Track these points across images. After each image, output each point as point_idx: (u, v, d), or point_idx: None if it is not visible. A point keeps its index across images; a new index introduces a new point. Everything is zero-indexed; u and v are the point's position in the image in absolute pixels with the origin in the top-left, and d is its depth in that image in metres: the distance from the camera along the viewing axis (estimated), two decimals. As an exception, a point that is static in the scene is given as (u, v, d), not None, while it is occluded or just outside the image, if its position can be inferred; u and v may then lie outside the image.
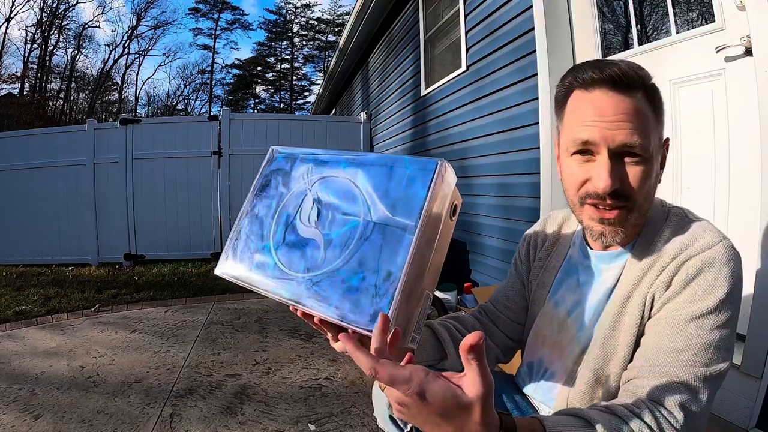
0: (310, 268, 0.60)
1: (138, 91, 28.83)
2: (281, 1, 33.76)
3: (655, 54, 1.60)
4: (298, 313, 0.61)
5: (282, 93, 31.71)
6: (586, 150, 0.64)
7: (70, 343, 2.57)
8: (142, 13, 27.06)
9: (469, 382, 0.43)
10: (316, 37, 30.47)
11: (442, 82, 3.42)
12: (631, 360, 0.64)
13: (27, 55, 22.41)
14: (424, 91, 3.83)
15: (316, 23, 30.38)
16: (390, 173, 0.59)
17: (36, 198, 4.95)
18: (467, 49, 2.98)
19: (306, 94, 31.33)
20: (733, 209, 1.35)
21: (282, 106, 31.40)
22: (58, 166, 4.95)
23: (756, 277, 1.15)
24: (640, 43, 1.73)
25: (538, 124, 2.14)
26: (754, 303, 1.15)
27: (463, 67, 3.02)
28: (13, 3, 21.13)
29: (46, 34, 23.01)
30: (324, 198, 0.63)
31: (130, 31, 26.96)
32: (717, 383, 0.58)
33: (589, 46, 1.97)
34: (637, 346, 0.64)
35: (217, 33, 29.89)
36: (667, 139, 0.69)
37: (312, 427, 1.64)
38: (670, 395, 0.55)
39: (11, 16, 21.21)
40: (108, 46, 27.22)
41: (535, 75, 2.13)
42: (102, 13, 25.91)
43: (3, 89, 21.22)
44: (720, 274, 0.59)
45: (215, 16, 29.52)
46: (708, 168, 1.43)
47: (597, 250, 0.74)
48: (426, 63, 3.87)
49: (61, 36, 24.18)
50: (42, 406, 1.82)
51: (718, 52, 1.35)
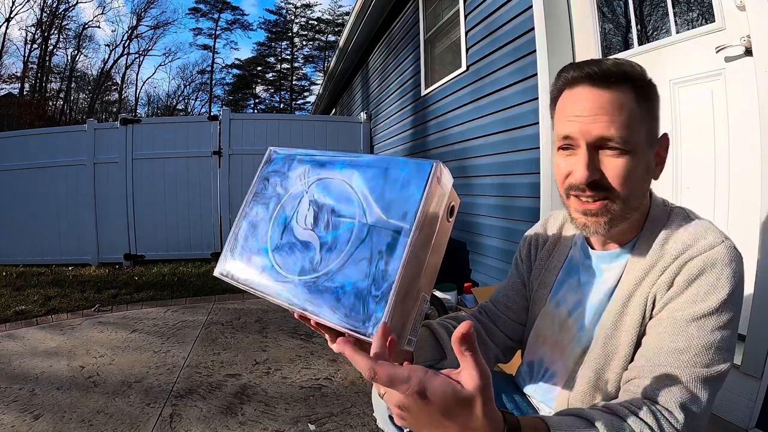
0: (307, 271, 0.60)
1: (138, 91, 28.89)
2: (281, 1, 33.79)
3: (655, 54, 1.60)
4: (296, 315, 0.61)
5: (282, 93, 31.73)
6: (568, 145, 0.66)
7: (70, 343, 2.57)
8: (142, 13, 27.10)
9: (467, 375, 0.42)
10: (316, 37, 30.49)
11: (442, 82, 3.42)
12: (632, 360, 0.64)
13: (27, 55, 22.45)
14: (424, 91, 3.83)
15: (316, 23, 30.41)
16: (385, 175, 0.59)
17: (36, 198, 4.95)
18: (467, 49, 2.98)
19: (306, 94, 31.37)
20: (733, 209, 1.35)
21: (282, 106, 31.41)
22: (58, 166, 4.95)
23: (756, 277, 1.15)
24: (640, 43, 1.73)
25: (538, 124, 2.14)
26: (754, 303, 1.15)
27: (463, 67, 3.02)
28: (13, 3, 21.16)
29: (46, 34, 23.02)
30: (320, 200, 0.63)
31: (130, 31, 27.01)
32: (718, 384, 0.58)
33: (589, 46, 1.97)
34: (638, 346, 0.64)
35: (217, 33, 29.95)
36: (665, 134, 0.69)
37: (312, 427, 1.64)
38: (671, 396, 0.55)
39: (11, 16, 21.24)
40: (108, 46, 27.28)
41: (535, 75, 2.13)
42: (102, 13, 25.97)
43: (3, 89, 21.26)
44: (722, 274, 0.59)
45: (215, 16, 29.56)
46: (708, 168, 1.43)
47: (598, 249, 0.74)
48: (426, 63, 3.86)
49: (61, 36, 24.22)
50: (42, 406, 1.82)
51: (718, 52, 1.35)
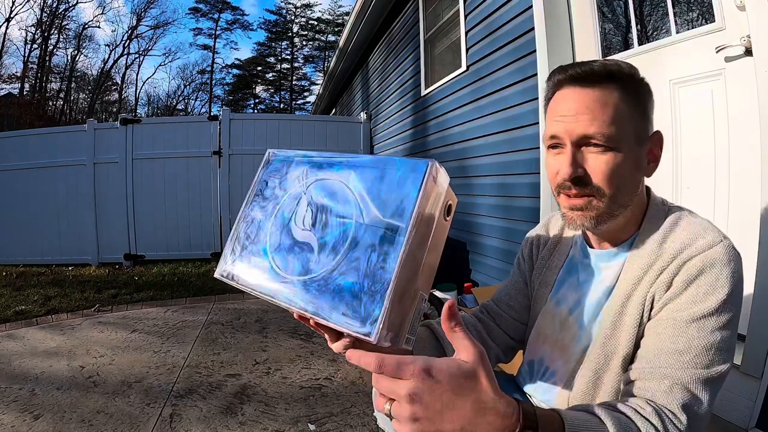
0: (305, 271, 0.60)
1: (138, 91, 28.89)
2: (281, 1, 33.84)
3: (655, 54, 1.60)
4: (295, 315, 0.62)
5: (282, 93, 31.72)
6: (555, 144, 0.68)
7: (70, 343, 2.57)
8: (142, 13, 27.10)
9: (462, 349, 0.46)
10: (316, 37, 30.49)
11: (442, 82, 3.41)
12: (632, 360, 0.64)
13: (27, 55, 22.45)
14: (424, 91, 3.83)
15: (316, 23, 30.41)
16: (382, 175, 0.59)
17: (36, 198, 4.95)
18: (467, 49, 2.98)
19: (306, 94, 31.37)
20: (733, 209, 1.35)
21: (282, 106, 31.40)
22: (58, 166, 4.95)
23: (756, 277, 1.15)
24: (640, 43, 1.73)
25: (538, 124, 2.14)
26: (754, 303, 1.15)
27: (463, 67, 3.02)
28: (13, 3, 21.16)
29: (46, 34, 23.02)
30: (318, 201, 0.64)
31: (130, 31, 27.01)
32: (718, 384, 0.58)
33: (589, 46, 1.97)
34: (637, 346, 0.64)
35: (217, 33, 29.95)
36: (657, 132, 0.69)
37: (312, 427, 1.64)
38: (672, 397, 0.55)
39: (11, 16, 21.25)
40: (108, 46, 27.30)
41: (535, 75, 2.13)
42: (102, 13, 25.97)
43: (3, 89, 21.26)
44: (721, 274, 0.59)
45: (215, 16, 29.57)
46: (708, 168, 1.43)
47: (596, 248, 0.75)
48: (426, 63, 3.86)
49: (61, 36, 24.22)
50: (42, 406, 1.82)
51: (718, 52, 1.35)
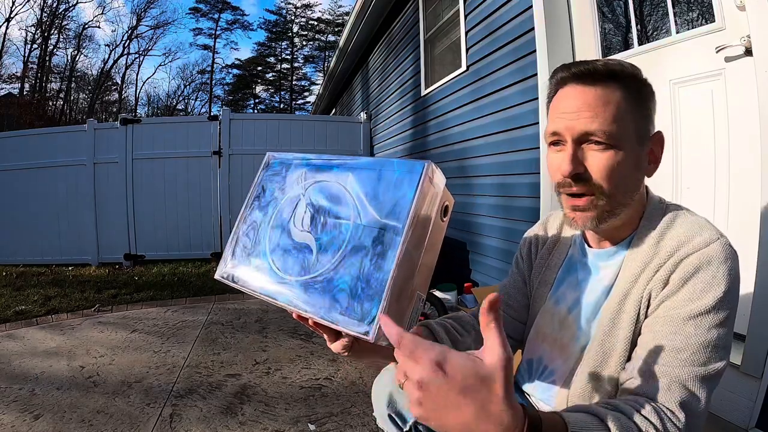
0: (304, 272, 0.61)
1: (138, 91, 28.87)
2: (281, 2, 33.85)
3: (655, 54, 1.60)
4: (294, 315, 0.62)
5: (282, 93, 31.71)
6: (556, 141, 0.68)
7: (70, 343, 2.57)
8: (142, 13, 27.09)
9: (489, 350, 0.42)
10: (316, 37, 30.48)
11: (442, 82, 3.41)
12: (629, 358, 0.64)
13: (27, 55, 22.45)
14: (424, 91, 3.83)
15: (316, 23, 30.40)
16: (379, 176, 0.60)
17: (36, 198, 4.95)
18: (467, 49, 2.98)
19: (306, 94, 31.36)
20: (733, 209, 1.35)
21: (282, 106, 31.40)
22: (58, 166, 4.95)
23: (756, 277, 1.15)
24: (640, 43, 1.73)
25: (538, 124, 2.14)
26: (754, 303, 1.15)
27: (463, 67, 3.02)
28: (13, 3, 21.15)
29: (46, 34, 23.02)
30: (317, 202, 0.65)
31: (130, 31, 26.99)
32: (715, 382, 0.58)
33: (589, 46, 1.97)
34: (634, 343, 0.64)
35: (217, 33, 29.94)
36: (658, 133, 0.69)
37: (312, 427, 1.64)
38: (670, 395, 0.55)
39: (11, 16, 21.24)
40: (108, 46, 27.28)
41: (535, 75, 2.13)
42: (102, 13, 25.95)
43: (3, 89, 21.26)
44: (718, 272, 0.59)
45: (215, 16, 29.56)
46: (708, 168, 1.43)
47: (595, 247, 0.75)
48: (426, 63, 3.86)
49: (61, 36, 24.21)
50: (42, 406, 1.82)
51: (718, 52, 1.35)
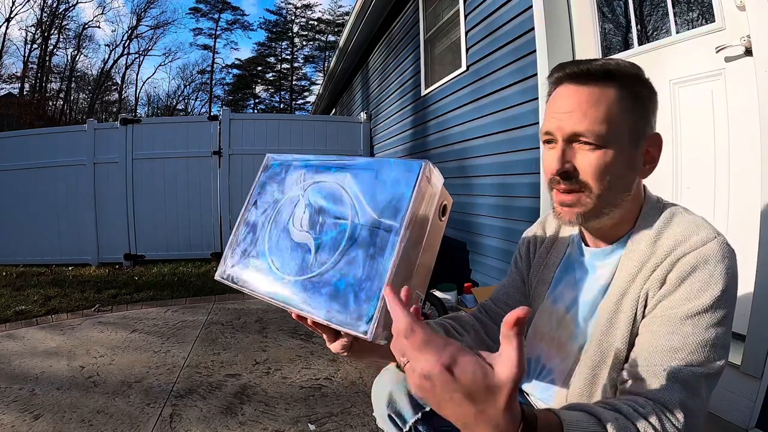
0: (302, 271, 0.61)
1: (138, 91, 28.88)
2: (281, 2, 33.85)
3: (655, 54, 1.60)
4: (293, 315, 0.62)
5: (282, 93, 31.72)
6: (549, 140, 0.69)
7: (70, 343, 2.57)
8: (142, 13, 27.10)
9: (504, 362, 0.40)
10: (316, 37, 30.49)
11: (442, 82, 3.41)
12: (627, 358, 0.64)
13: (27, 55, 22.46)
14: (424, 91, 3.83)
15: (316, 23, 30.41)
16: (377, 176, 0.60)
17: (36, 198, 4.95)
18: (467, 49, 2.98)
19: (306, 94, 31.36)
20: (733, 209, 1.35)
21: (282, 106, 31.40)
22: (58, 166, 4.95)
23: (756, 277, 1.15)
24: (640, 43, 1.73)
25: (538, 124, 2.14)
26: (754, 303, 1.15)
27: (463, 67, 3.02)
28: (13, 3, 21.16)
29: (46, 34, 23.02)
30: (315, 203, 0.65)
31: (130, 31, 27.00)
32: (714, 381, 0.58)
33: (589, 46, 1.97)
34: (632, 343, 0.64)
35: (217, 33, 29.95)
36: (656, 134, 0.68)
37: (312, 427, 1.64)
38: (669, 395, 0.55)
39: (11, 16, 21.24)
40: (108, 46, 27.29)
41: (535, 75, 2.13)
42: (102, 13, 25.96)
43: (3, 89, 21.27)
44: (715, 271, 0.59)
45: (215, 16, 29.57)
46: (708, 168, 1.43)
47: (591, 246, 0.75)
48: (426, 63, 3.86)
49: (61, 36, 24.22)
50: (42, 406, 1.82)
51: (718, 52, 1.35)
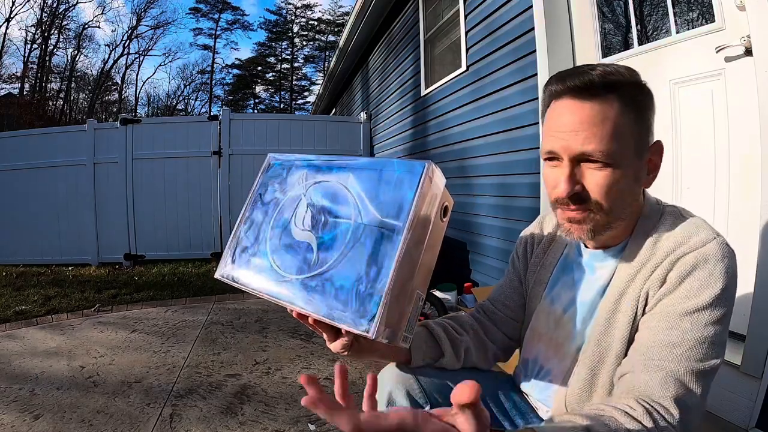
0: (304, 270, 0.61)
1: (138, 91, 28.89)
2: (281, 2, 33.88)
3: (655, 54, 1.60)
4: (294, 314, 0.62)
5: (282, 93, 31.73)
6: (552, 157, 0.67)
7: (70, 343, 2.57)
8: (142, 13, 27.10)
9: (464, 426, 0.40)
10: (317, 37, 30.50)
11: (442, 82, 3.41)
12: (626, 356, 0.64)
13: (27, 55, 22.46)
14: (424, 91, 3.83)
15: (316, 23, 30.43)
16: (380, 176, 0.60)
17: (36, 198, 4.95)
18: (467, 49, 2.98)
19: (306, 94, 31.38)
20: (733, 209, 1.35)
21: (282, 106, 31.41)
22: (58, 166, 4.95)
23: (756, 277, 1.15)
24: (640, 43, 1.73)
25: (538, 124, 2.14)
26: (754, 303, 1.15)
27: (463, 67, 3.02)
28: (13, 3, 21.16)
29: (46, 34, 23.02)
30: (317, 202, 0.65)
31: (130, 31, 27.01)
32: (710, 378, 0.59)
33: (589, 47, 1.97)
34: (631, 343, 0.64)
35: (218, 33, 29.96)
36: (657, 142, 0.68)
37: (312, 427, 1.64)
38: (665, 390, 0.55)
39: (11, 16, 21.24)
40: (108, 46, 27.30)
41: (535, 75, 2.13)
42: (102, 13, 25.97)
43: (3, 89, 21.27)
44: (714, 270, 0.59)
45: (215, 16, 29.58)
46: (708, 168, 1.43)
47: (591, 247, 0.75)
48: (426, 63, 3.86)
49: (61, 36, 24.22)
50: (42, 406, 1.82)
51: (718, 52, 1.35)
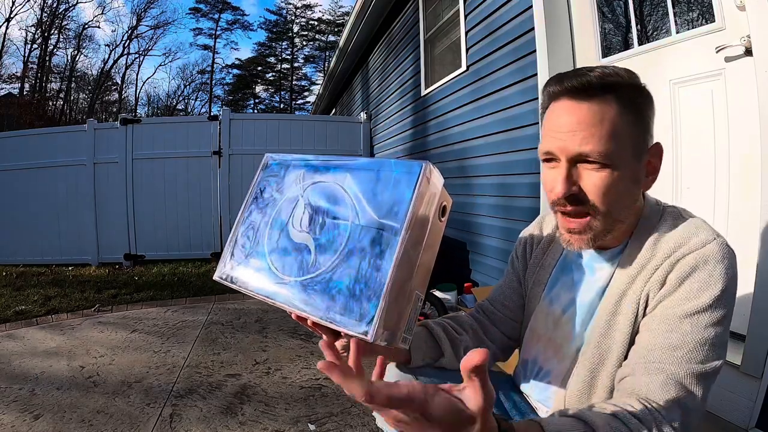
0: (302, 272, 0.61)
1: (138, 91, 28.89)
2: (281, 2, 33.87)
3: (655, 54, 1.60)
4: (293, 315, 0.62)
5: (282, 93, 31.73)
6: (550, 158, 0.66)
7: (70, 343, 2.57)
8: (142, 13, 27.10)
9: (471, 397, 0.41)
10: (317, 37, 30.51)
11: (442, 82, 3.41)
12: (626, 358, 0.64)
13: (27, 55, 22.46)
14: (424, 91, 3.83)
15: (316, 23, 30.44)
16: (377, 177, 0.60)
17: (36, 198, 4.95)
18: (467, 49, 2.98)
19: (306, 94, 31.37)
20: (733, 209, 1.35)
21: (282, 106, 31.41)
22: (58, 166, 4.95)
23: (756, 277, 1.15)
24: (640, 43, 1.73)
25: (538, 124, 2.14)
26: (754, 303, 1.15)
27: (463, 67, 3.02)
28: (13, 3, 21.15)
29: (46, 34, 23.02)
30: (315, 203, 0.65)
31: (130, 31, 27.01)
32: (711, 380, 0.58)
33: (589, 47, 1.97)
34: (631, 344, 0.64)
35: (218, 33, 29.96)
36: (657, 144, 0.67)
37: (312, 427, 1.64)
38: (666, 393, 0.55)
39: (11, 16, 21.24)
40: (108, 46, 27.30)
41: (535, 75, 2.13)
42: (102, 13, 25.97)
43: (3, 89, 21.27)
44: (714, 271, 0.59)
45: (215, 16, 29.59)
46: (708, 168, 1.43)
47: (591, 249, 0.74)
48: (426, 63, 3.86)
49: (61, 36, 24.22)
50: (42, 406, 1.82)
51: (718, 52, 1.35)
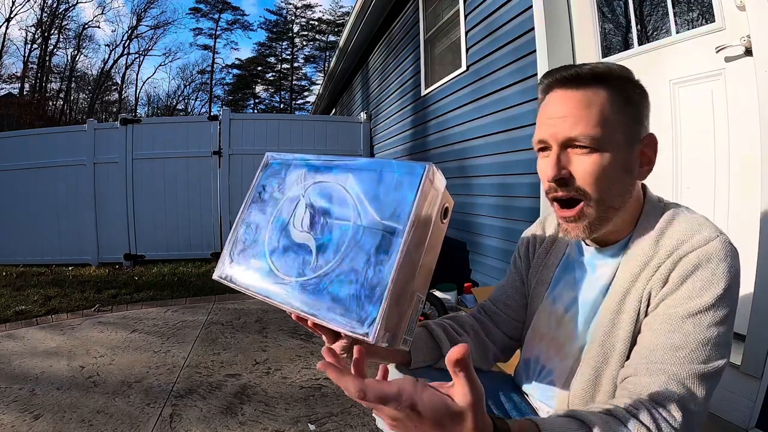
0: (303, 273, 0.61)
1: (138, 91, 28.88)
2: (281, 2, 33.87)
3: (655, 54, 1.60)
4: (293, 316, 0.62)
5: (282, 93, 31.73)
6: (543, 147, 0.69)
7: (70, 343, 2.57)
8: (142, 13, 27.11)
9: (459, 393, 0.42)
10: (317, 37, 30.51)
11: (442, 82, 3.41)
12: (629, 357, 0.64)
13: (27, 55, 22.46)
14: (424, 91, 3.83)
15: (316, 24, 30.45)
16: (379, 177, 0.60)
17: (36, 198, 4.95)
18: (467, 49, 2.98)
19: (306, 94, 31.38)
20: (733, 209, 1.35)
21: (282, 106, 31.41)
22: (58, 166, 4.95)
23: (756, 277, 1.15)
24: (640, 43, 1.73)
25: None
26: (754, 303, 1.15)
27: (463, 67, 3.02)
28: (13, 3, 21.15)
29: (46, 34, 23.02)
30: (316, 203, 0.64)
31: (130, 31, 27.01)
32: (715, 380, 0.58)
33: (589, 46, 1.97)
34: (634, 343, 0.64)
35: (218, 33, 29.96)
36: (650, 135, 0.68)
37: (312, 427, 1.64)
38: (668, 393, 0.55)
39: (11, 16, 21.24)
40: (108, 46, 27.32)
41: (535, 75, 2.13)
42: (102, 13, 25.97)
43: (3, 89, 21.27)
44: (717, 269, 0.59)
45: (215, 17, 29.59)
46: (708, 168, 1.43)
47: (592, 246, 0.75)
48: (426, 63, 3.86)
49: (61, 36, 24.22)
50: (42, 406, 1.82)
51: (718, 52, 1.35)
